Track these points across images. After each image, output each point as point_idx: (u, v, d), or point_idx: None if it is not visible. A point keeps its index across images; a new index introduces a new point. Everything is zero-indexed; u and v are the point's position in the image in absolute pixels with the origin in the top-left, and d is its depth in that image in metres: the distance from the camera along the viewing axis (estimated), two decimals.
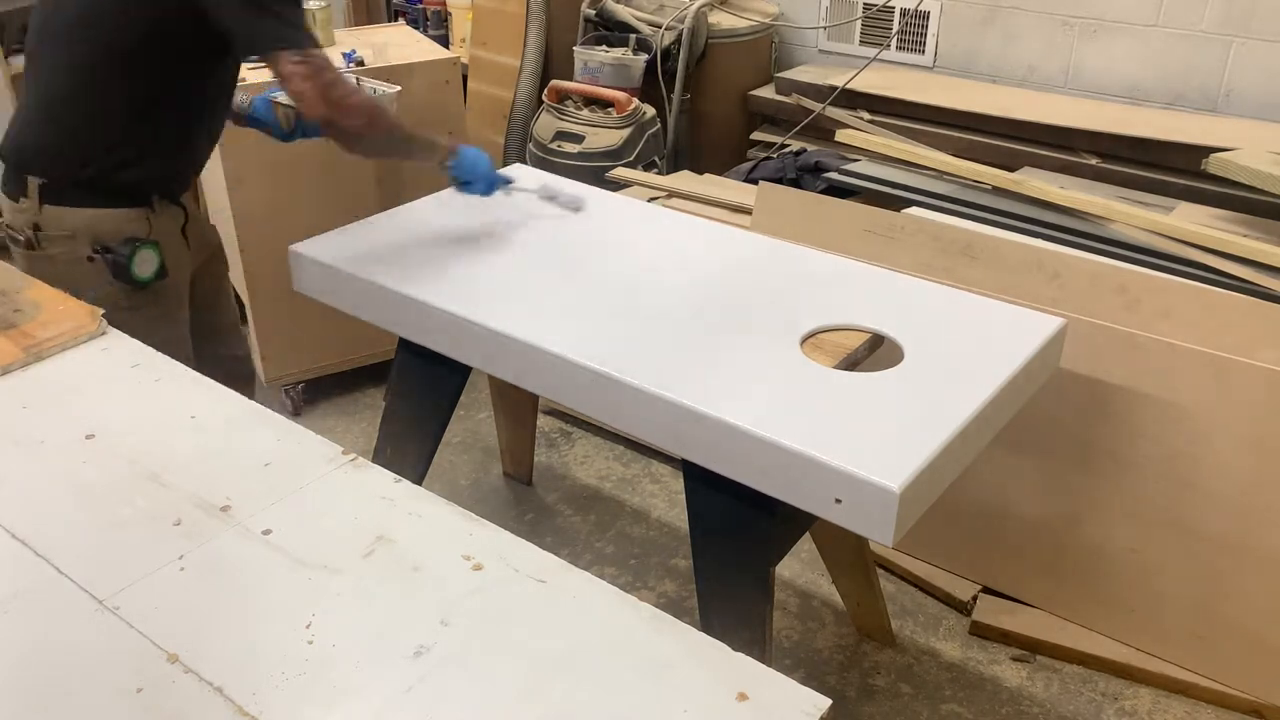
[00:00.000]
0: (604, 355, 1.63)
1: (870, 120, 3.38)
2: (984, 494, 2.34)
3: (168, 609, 1.08)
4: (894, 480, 1.36)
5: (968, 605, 2.39)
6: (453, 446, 2.99)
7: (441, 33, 4.43)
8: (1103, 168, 3.00)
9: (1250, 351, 2.00)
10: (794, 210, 2.50)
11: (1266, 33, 3.06)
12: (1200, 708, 2.17)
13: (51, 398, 1.44)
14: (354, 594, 1.11)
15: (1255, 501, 2.04)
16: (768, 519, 1.60)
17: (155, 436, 1.35)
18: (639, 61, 3.65)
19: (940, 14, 3.61)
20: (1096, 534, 2.23)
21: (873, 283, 1.93)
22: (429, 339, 1.84)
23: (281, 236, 2.08)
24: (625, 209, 2.26)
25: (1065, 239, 2.42)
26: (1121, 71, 3.33)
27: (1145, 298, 2.10)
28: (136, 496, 1.24)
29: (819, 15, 3.89)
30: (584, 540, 2.65)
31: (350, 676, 1.01)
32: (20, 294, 1.64)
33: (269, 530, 1.19)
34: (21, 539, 1.18)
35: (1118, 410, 2.14)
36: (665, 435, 1.59)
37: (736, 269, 1.96)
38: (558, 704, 0.98)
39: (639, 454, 2.95)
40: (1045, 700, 2.19)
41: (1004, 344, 1.70)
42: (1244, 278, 2.25)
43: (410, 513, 1.23)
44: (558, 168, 3.28)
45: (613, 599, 1.11)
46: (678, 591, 2.48)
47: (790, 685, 1.00)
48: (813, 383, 1.60)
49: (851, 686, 2.23)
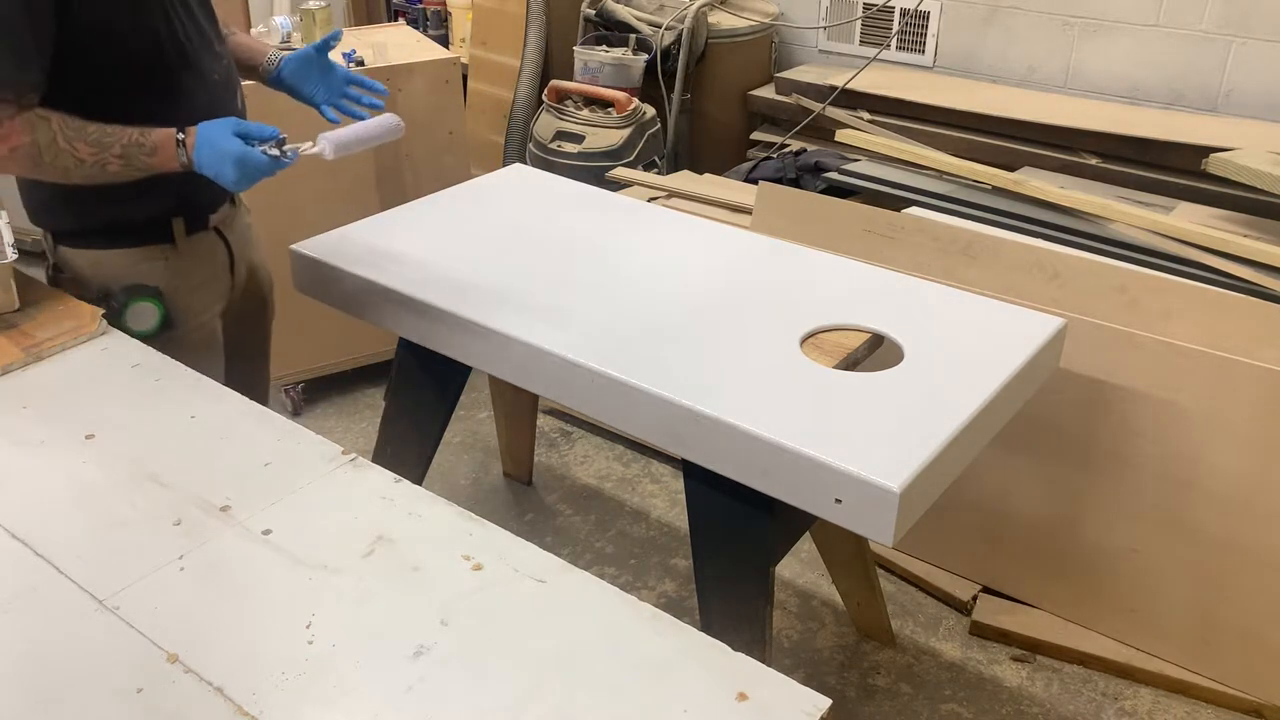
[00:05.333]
0: (604, 355, 1.63)
1: (870, 120, 3.37)
2: (984, 494, 2.34)
3: (168, 609, 1.08)
4: (894, 480, 1.36)
5: (968, 605, 2.39)
6: (453, 446, 2.99)
7: (441, 33, 4.43)
8: (1103, 168, 3.00)
9: (1250, 351, 2.00)
10: (794, 210, 2.50)
11: (1266, 33, 3.06)
12: (1200, 708, 2.17)
13: (51, 398, 1.44)
14: (354, 594, 1.11)
15: (1255, 501, 2.04)
16: (768, 519, 1.60)
17: (155, 436, 1.35)
18: (639, 61, 3.65)
19: (940, 14, 3.61)
20: (1096, 534, 2.23)
21: (873, 283, 1.93)
22: (429, 339, 1.84)
23: (282, 237, 2.08)
24: (625, 209, 2.26)
25: (1065, 239, 2.42)
26: (1121, 71, 3.33)
27: (1145, 298, 2.10)
28: (136, 496, 1.24)
29: (819, 15, 3.89)
30: (584, 540, 2.65)
31: (350, 676, 1.01)
32: (20, 294, 1.64)
33: (269, 530, 1.19)
34: (21, 539, 1.18)
35: (1118, 410, 2.14)
36: (665, 435, 1.58)
37: (736, 269, 1.96)
38: (557, 704, 0.98)
39: (639, 454, 2.95)
40: (1045, 700, 2.19)
41: (1004, 344, 1.70)
42: (1244, 278, 2.25)
43: (410, 513, 1.23)
44: (558, 168, 3.29)
45: (613, 599, 1.11)
46: (678, 591, 2.48)
47: (790, 685, 1.00)
48: (813, 383, 1.60)
49: (851, 686, 2.23)
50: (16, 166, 1.55)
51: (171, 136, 1.57)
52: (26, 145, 1.51)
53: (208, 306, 1.81)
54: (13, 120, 1.50)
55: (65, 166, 1.54)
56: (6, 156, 1.52)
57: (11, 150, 1.51)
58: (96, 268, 1.70)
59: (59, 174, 1.55)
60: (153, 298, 1.71)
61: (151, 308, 1.71)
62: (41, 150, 1.52)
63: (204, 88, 1.69)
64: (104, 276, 1.70)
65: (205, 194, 1.74)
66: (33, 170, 1.55)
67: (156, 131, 1.57)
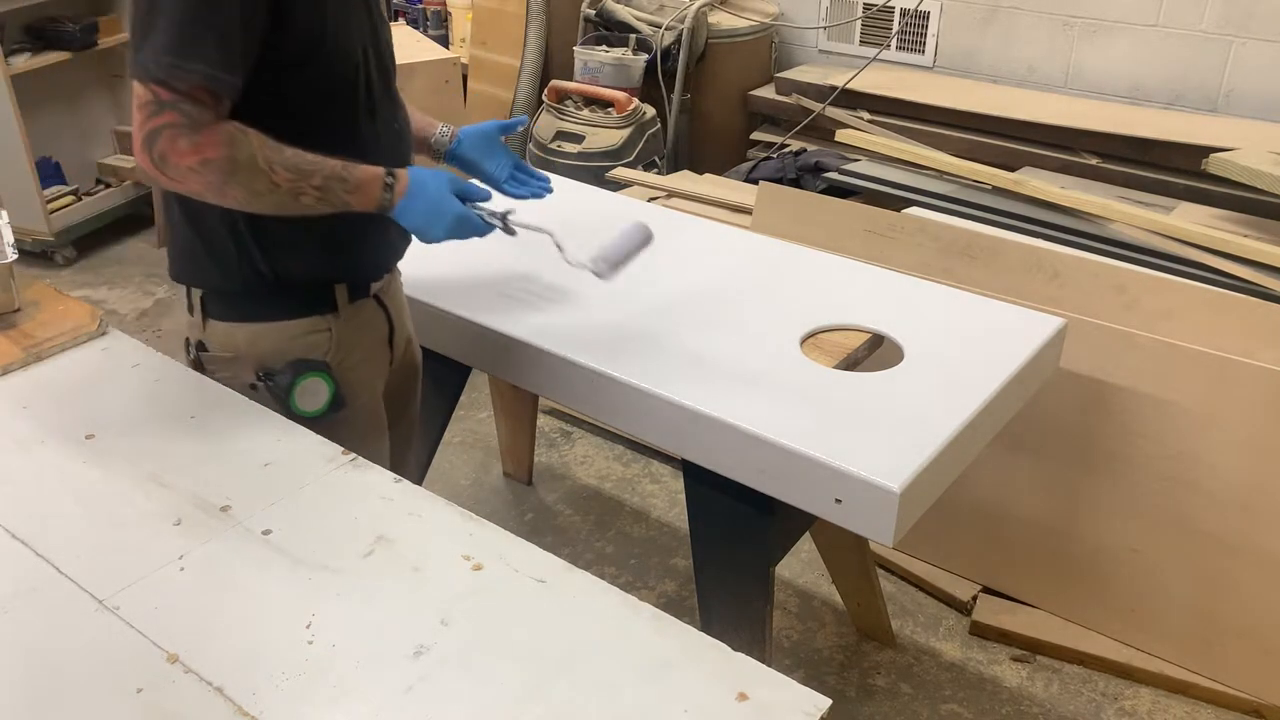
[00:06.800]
0: (604, 355, 1.63)
1: (870, 120, 3.37)
2: (984, 494, 2.34)
3: (168, 609, 1.08)
4: (894, 480, 1.36)
5: (968, 605, 2.39)
6: (453, 446, 2.99)
7: (441, 33, 4.43)
8: (1103, 168, 3.00)
9: (1250, 351, 2.00)
10: (794, 210, 2.50)
11: (1266, 33, 3.06)
12: (1200, 708, 2.17)
13: (51, 398, 1.44)
14: (354, 594, 1.11)
15: (1255, 501, 2.04)
16: (768, 519, 1.60)
17: (155, 436, 1.35)
18: (639, 61, 3.65)
19: (940, 14, 3.61)
20: (1096, 534, 2.23)
21: (873, 283, 1.93)
22: (429, 339, 1.84)
23: None
24: (625, 209, 2.26)
25: (1065, 239, 2.42)
26: (1121, 71, 3.33)
27: (1145, 298, 2.10)
28: (136, 496, 1.24)
29: (819, 15, 3.89)
30: (584, 540, 2.65)
31: (350, 676, 1.01)
32: (20, 294, 1.64)
33: (269, 530, 1.19)
34: (21, 539, 1.18)
35: (1118, 410, 2.14)
36: (665, 435, 1.59)
37: (736, 269, 1.96)
38: (558, 704, 0.98)
39: (639, 454, 2.95)
40: (1045, 700, 2.19)
41: (1004, 344, 1.70)
42: (1244, 278, 2.25)
43: (410, 513, 1.23)
44: (558, 167, 3.29)
45: (613, 599, 1.11)
46: (678, 591, 2.48)
47: (790, 685, 1.00)
48: (813, 383, 1.60)
49: (851, 686, 2.23)
50: (199, 181, 1.31)
51: (379, 177, 1.41)
52: (221, 159, 1.30)
53: (370, 384, 1.61)
54: (212, 129, 1.29)
55: (257, 190, 1.33)
56: (195, 168, 1.29)
57: (203, 162, 1.29)
58: (254, 344, 1.49)
59: (244, 197, 1.34)
60: (323, 373, 1.51)
61: (322, 384, 1.52)
62: (237, 167, 1.31)
63: (385, 133, 1.52)
64: (263, 352, 1.49)
65: (377, 254, 1.57)
66: (217, 188, 1.33)
67: (362, 168, 1.40)
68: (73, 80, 4.08)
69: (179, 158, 1.28)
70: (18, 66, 3.70)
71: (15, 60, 3.72)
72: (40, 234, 3.84)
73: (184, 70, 1.26)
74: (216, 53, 1.28)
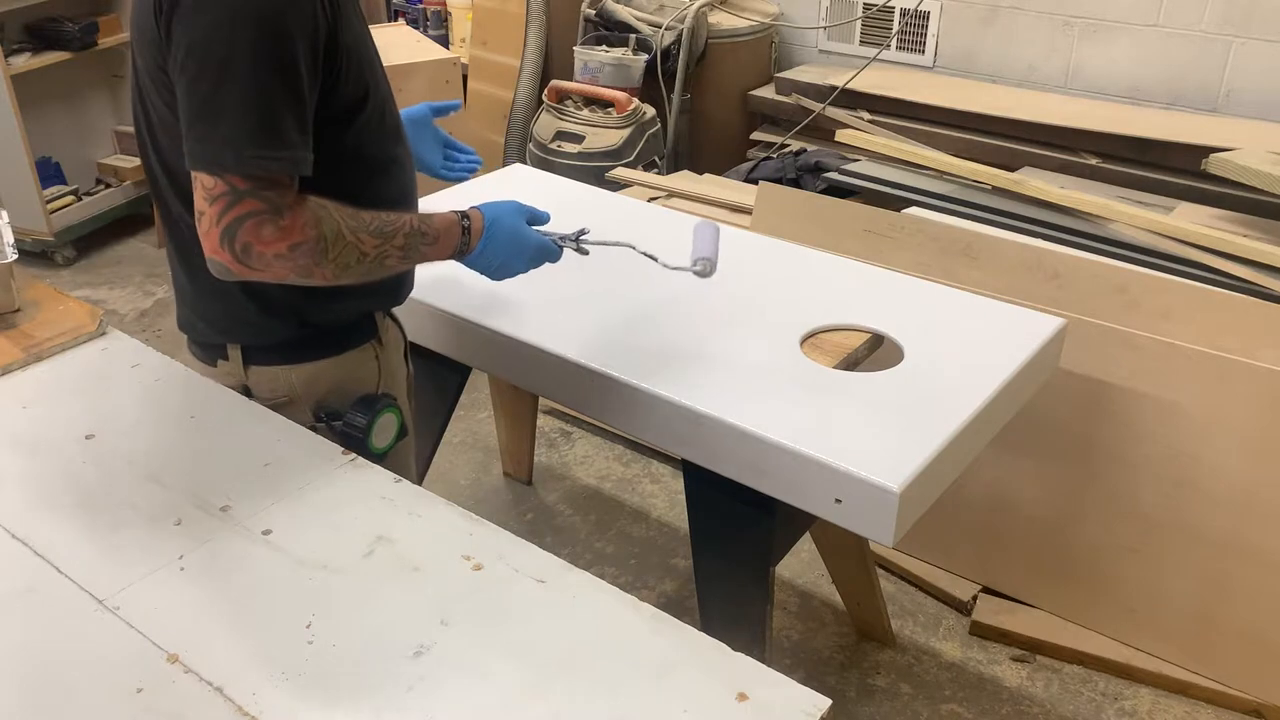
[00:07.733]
0: (604, 355, 1.63)
1: (870, 120, 3.37)
2: (984, 494, 2.34)
3: (168, 609, 1.08)
4: (894, 480, 1.36)
5: (968, 605, 2.39)
6: (453, 446, 2.99)
7: (441, 33, 4.43)
8: (1103, 168, 3.00)
9: (1250, 351, 2.00)
10: (794, 210, 2.50)
11: (1266, 33, 3.06)
12: (1200, 708, 2.17)
13: (51, 398, 1.44)
14: (354, 594, 1.11)
15: (1255, 501, 2.04)
16: (768, 519, 1.60)
17: (155, 436, 1.35)
18: (639, 61, 3.65)
19: (940, 14, 3.61)
20: (1096, 534, 2.23)
21: (873, 283, 1.93)
22: (429, 339, 1.84)
23: None
24: (625, 209, 2.26)
25: (1065, 239, 2.42)
26: (1121, 71, 3.33)
27: (1145, 298, 2.10)
28: (136, 496, 1.24)
29: (819, 15, 3.89)
30: (584, 540, 2.65)
31: (350, 676, 1.01)
32: (20, 294, 1.64)
33: (269, 530, 1.19)
34: (21, 539, 1.18)
35: (1118, 410, 2.13)
36: (665, 435, 1.58)
37: (736, 269, 1.96)
38: (558, 704, 0.98)
39: (639, 454, 2.95)
40: (1045, 700, 2.19)
41: (1004, 344, 1.70)
42: (1244, 278, 2.25)
43: (410, 513, 1.23)
44: (558, 168, 3.29)
45: (613, 599, 1.11)
46: (678, 591, 2.48)
47: (790, 685, 1.00)
48: (813, 383, 1.60)
49: (851, 686, 2.23)
50: (287, 267, 1.20)
51: (455, 223, 1.35)
52: (310, 241, 1.20)
53: (406, 404, 1.57)
54: (296, 211, 1.19)
55: (347, 264, 1.24)
56: (284, 254, 1.19)
57: (292, 247, 1.18)
58: (311, 385, 1.42)
59: (334, 273, 1.24)
60: (392, 407, 1.46)
61: (394, 417, 1.46)
62: (328, 245, 1.21)
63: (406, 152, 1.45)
64: (321, 390, 1.42)
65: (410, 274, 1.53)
66: (306, 270, 1.22)
67: (437, 217, 1.35)
68: (73, 80, 4.09)
69: (265, 246, 1.17)
70: (18, 66, 3.70)
71: (15, 60, 3.72)
72: (40, 234, 3.84)
73: (272, 160, 1.16)
74: (299, 134, 1.19)
